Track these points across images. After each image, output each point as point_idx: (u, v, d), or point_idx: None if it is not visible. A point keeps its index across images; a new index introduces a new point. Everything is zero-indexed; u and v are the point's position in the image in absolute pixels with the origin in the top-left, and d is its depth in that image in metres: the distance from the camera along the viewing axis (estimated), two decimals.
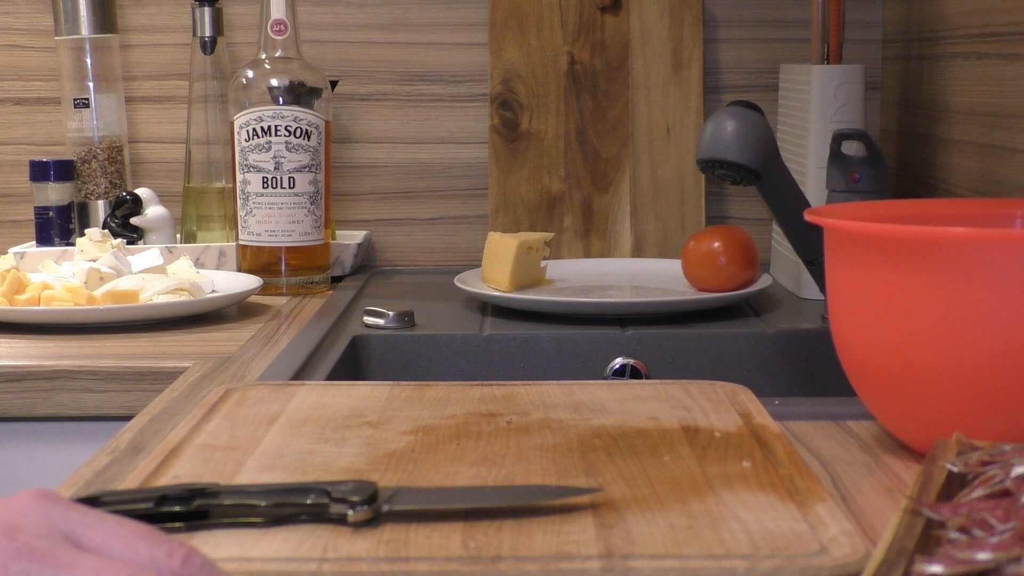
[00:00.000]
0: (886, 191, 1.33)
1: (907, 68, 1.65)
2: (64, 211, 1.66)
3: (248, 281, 1.46)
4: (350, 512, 0.67)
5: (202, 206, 1.68)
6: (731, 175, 1.25)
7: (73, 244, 1.59)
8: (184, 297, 1.37)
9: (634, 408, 0.90)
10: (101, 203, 1.67)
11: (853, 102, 1.48)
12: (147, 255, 1.48)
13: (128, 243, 1.57)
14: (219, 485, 0.69)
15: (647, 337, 1.33)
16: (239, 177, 1.53)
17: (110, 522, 0.56)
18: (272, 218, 1.52)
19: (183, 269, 1.47)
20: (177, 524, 0.66)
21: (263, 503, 0.67)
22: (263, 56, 1.54)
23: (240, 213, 1.54)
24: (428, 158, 1.77)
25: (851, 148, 1.35)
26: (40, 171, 1.65)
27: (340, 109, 1.75)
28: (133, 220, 1.62)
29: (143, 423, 0.95)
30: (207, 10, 1.64)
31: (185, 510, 0.67)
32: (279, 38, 1.53)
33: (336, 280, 1.63)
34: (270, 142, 1.51)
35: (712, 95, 1.75)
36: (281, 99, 1.52)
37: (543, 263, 1.49)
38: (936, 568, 0.55)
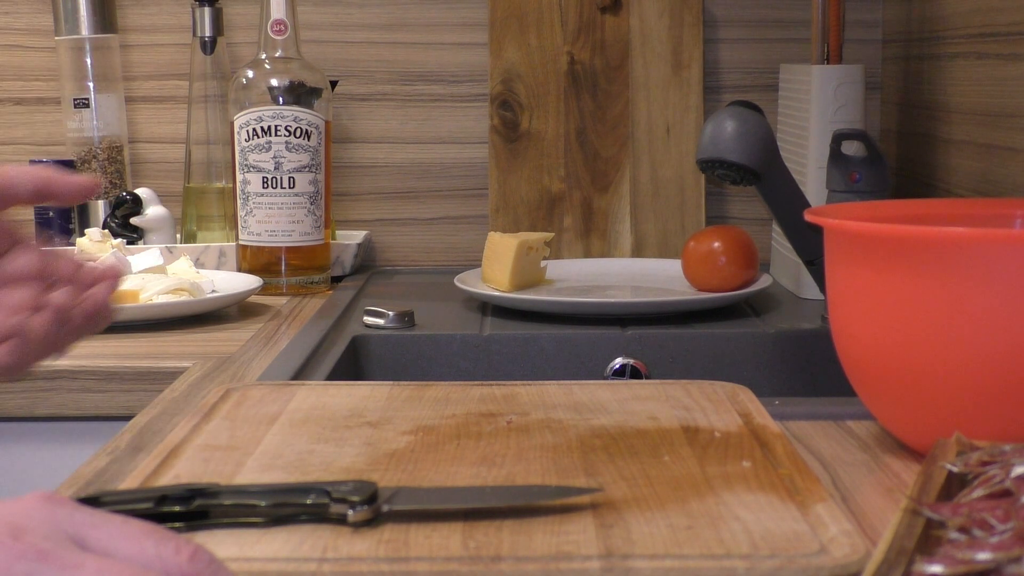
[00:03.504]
0: (886, 191, 1.33)
1: (907, 68, 1.65)
2: (64, 211, 1.66)
3: (248, 281, 1.46)
4: (350, 512, 0.67)
5: (202, 206, 1.68)
6: (731, 175, 1.25)
7: (73, 244, 1.59)
8: (184, 297, 1.37)
9: (634, 408, 0.90)
10: (101, 203, 1.67)
11: (853, 102, 1.48)
12: (147, 255, 1.48)
13: (128, 243, 1.57)
14: (219, 485, 0.69)
15: (647, 337, 1.33)
16: (239, 177, 1.53)
17: (116, 522, 0.56)
18: (272, 218, 1.52)
19: (183, 269, 1.47)
20: (177, 524, 0.67)
21: (263, 503, 0.67)
22: (263, 56, 1.54)
23: (240, 213, 1.54)
24: (428, 158, 1.77)
25: (851, 148, 1.35)
26: None
27: (340, 109, 1.75)
28: (133, 220, 1.62)
29: (143, 423, 0.95)
30: (207, 10, 1.64)
31: (185, 510, 0.67)
32: (279, 38, 1.54)
33: (336, 280, 1.63)
34: (270, 142, 1.51)
35: (712, 95, 1.75)
36: (281, 99, 1.52)
37: (543, 263, 1.49)
38: (936, 568, 0.55)
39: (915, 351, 0.79)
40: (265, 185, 1.52)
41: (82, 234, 1.54)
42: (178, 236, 1.69)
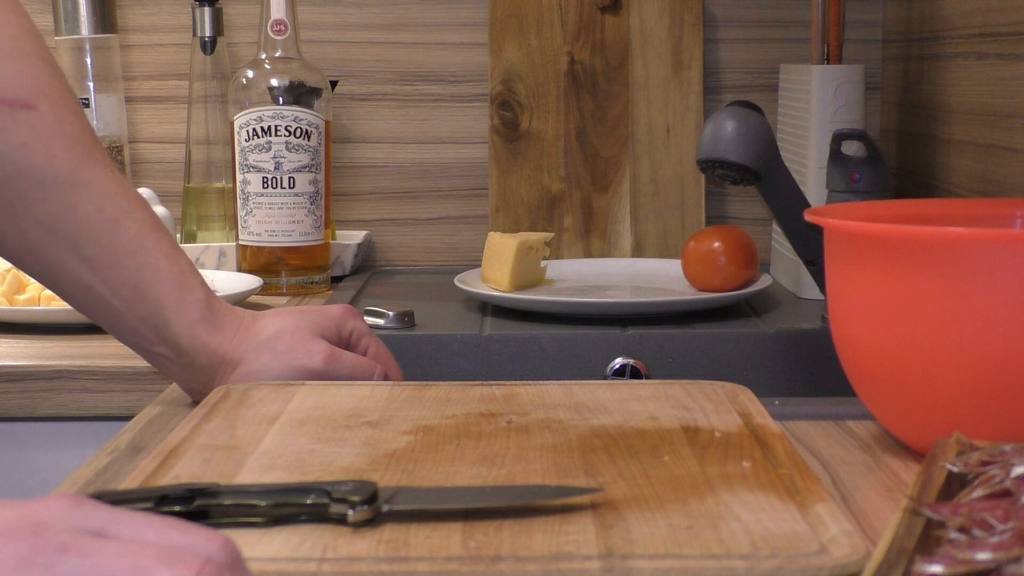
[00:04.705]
0: (886, 191, 1.33)
1: (907, 68, 1.65)
2: None
3: (248, 281, 1.46)
4: (350, 512, 0.67)
5: (202, 206, 1.68)
6: (731, 175, 1.25)
7: None
8: None
9: (634, 408, 0.90)
10: None
11: (853, 102, 1.48)
12: None
13: None
14: (219, 485, 0.69)
15: (647, 337, 1.33)
16: (239, 177, 1.53)
17: (140, 517, 0.56)
18: (272, 218, 1.52)
19: None
20: None
21: (263, 503, 0.67)
22: (263, 56, 1.54)
23: (240, 213, 1.54)
24: (428, 158, 1.77)
25: (851, 148, 1.35)
26: None
27: (340, 109, 1.75)
28: None
29: (143, 423, 0.95)
30: (207, 10, 1.64)
31: (185, 510, 0.67)
32: (279, 38, 1.54)
33: (336, 280, 1.63)
34: (270, 142, 1.51)
35: (712, 95, 1.75)
36: (281, 99, 1.52)
37: (543, 263, 1.49)
38: (936, 568, 0.55)
39: (915, 351, 0.79)
40: (265, 185, 1.52)
41: None
42: (178, 236, 1.69)
